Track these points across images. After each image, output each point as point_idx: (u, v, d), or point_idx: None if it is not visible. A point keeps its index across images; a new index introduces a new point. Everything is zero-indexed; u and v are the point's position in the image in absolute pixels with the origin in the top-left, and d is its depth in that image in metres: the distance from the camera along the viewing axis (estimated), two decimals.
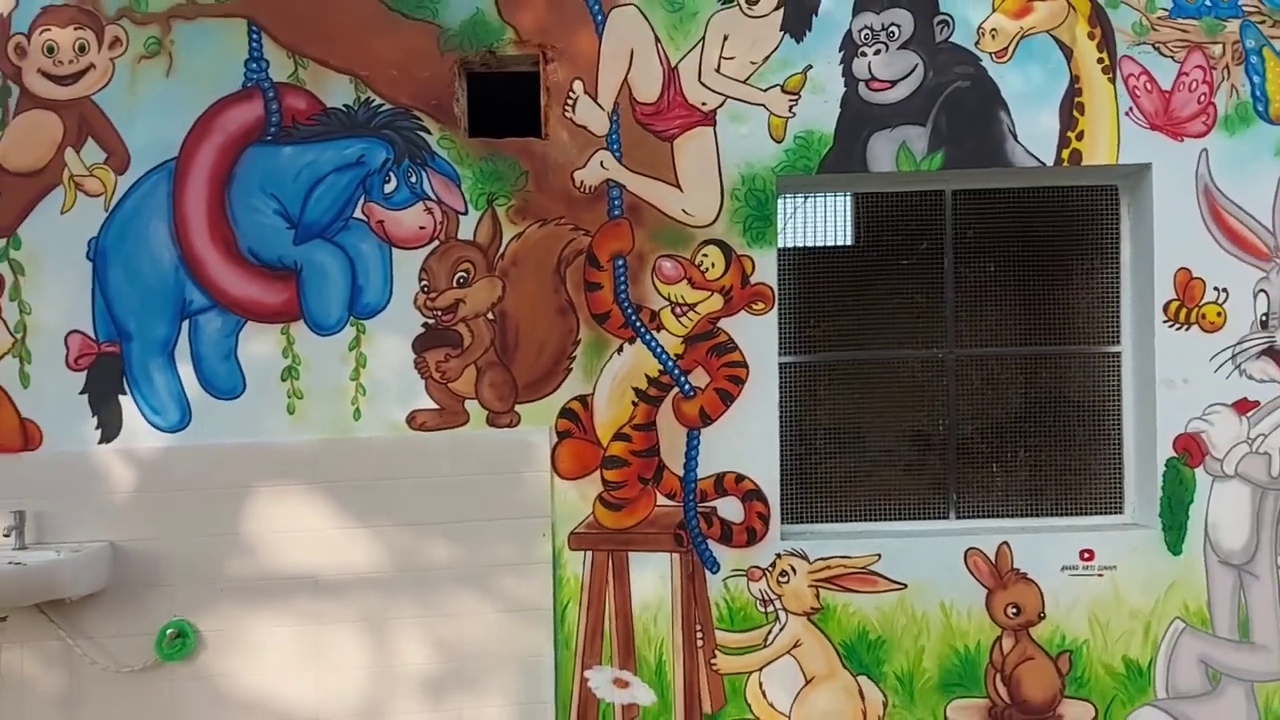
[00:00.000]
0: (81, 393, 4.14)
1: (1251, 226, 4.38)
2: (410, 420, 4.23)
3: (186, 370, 4.16)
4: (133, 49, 4.18)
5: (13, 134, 4.12)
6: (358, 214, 4.22)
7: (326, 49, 4.21)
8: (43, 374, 4.12)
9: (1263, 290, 4.39)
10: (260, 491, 4.15)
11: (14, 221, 4.11)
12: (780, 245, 4.40)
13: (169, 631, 4.10)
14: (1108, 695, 4.39)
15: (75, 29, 4.15)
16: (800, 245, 5.11)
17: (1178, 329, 4.39)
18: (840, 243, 5.43)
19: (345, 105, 4.22)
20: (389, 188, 4.22)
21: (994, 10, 4.31)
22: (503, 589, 4.22)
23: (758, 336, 4.33)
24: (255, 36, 4.22)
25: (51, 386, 4.13)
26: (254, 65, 4.20)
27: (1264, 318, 4.40)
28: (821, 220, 5.42)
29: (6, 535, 3.96)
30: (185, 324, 4.16)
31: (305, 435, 4.19)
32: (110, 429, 4.15)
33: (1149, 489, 4.46)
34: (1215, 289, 4.38)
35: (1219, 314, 4.38)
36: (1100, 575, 4.38)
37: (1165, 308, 4.38)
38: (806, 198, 5.11)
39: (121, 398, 4.15)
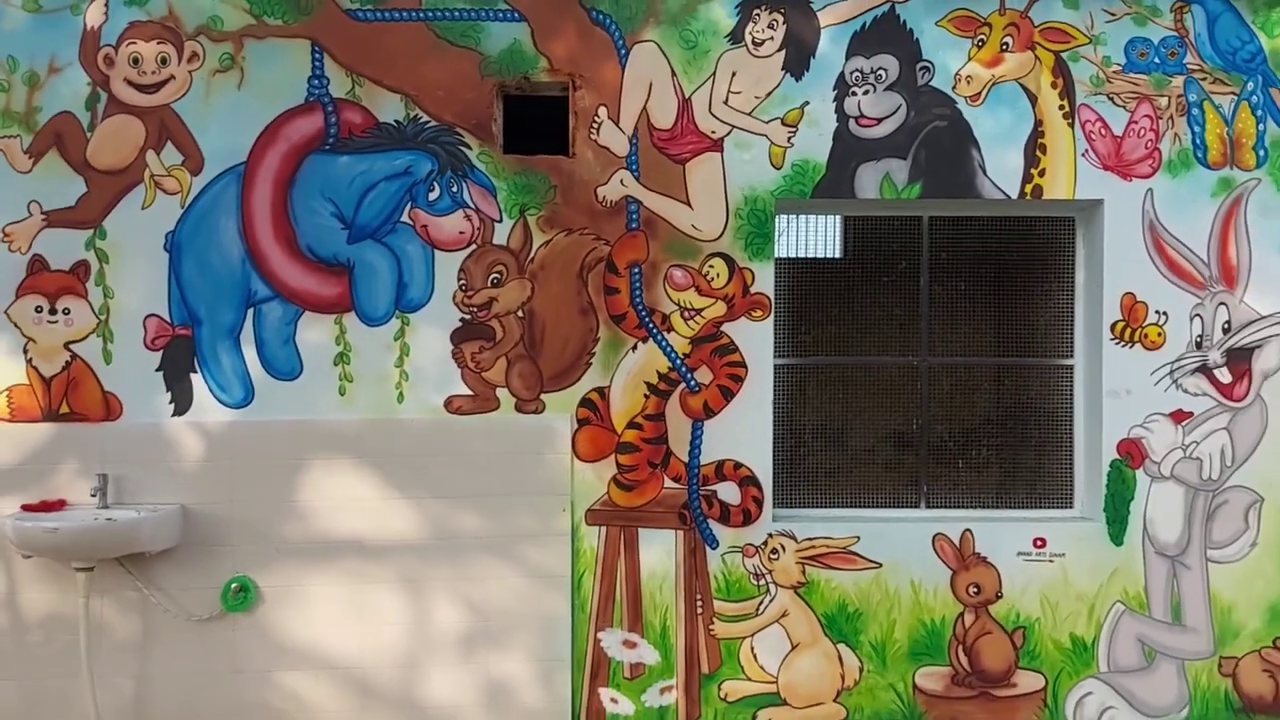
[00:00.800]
0: (157, 370, 4.59)
1: (1190, 259, 4.91)
2: (447, 405, 4.69)
3: (250, 353, 4.61)
4: (209, 63, 4.62)
5: (101, 136, 4.56)
6: (405, 218, 4.67)
7: (381, 70, 4.66)
8: (123, 352, 4.56)
9: (1198, 315, 4.92)
10: (313, 464, 4.61)
11: (100, 214, 4.55)
12: (778, 256, 4.90)
13: (233, 586, 4.55)
14: (1056, 667, 4.89)
15: (158, 43, 4.60)
16: (794, 256, 5.53)
17: (1123, 346, 4.90)
18: (830, 257, 5.88)
19: (396, 121, 4.68)
20: (433, 196, 4.68)
21: (970, 59, 4.84)
22: (526, 557, 4.69)
23: (756, 340, 4.81)
24: (318, 56, 4.67)
25: (130, 363, 4.57)
26: (316, 82, 4.65)
27: (1198, 339, 4.93)
28: (814, 237, 5.90)
29: (93, 495, 4.41)
30: (250, 311, 4.61)
31: (354, 415, 4.65)
32: (182, 403, 4.60)
33: (1095, 486, 4.96)
34: (1156, 312, 4.89)
35: (1159, 334, 4.90)
36: (1051, 561, 4.89)
37: (1112, 327, 4.89)
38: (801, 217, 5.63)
39: (192, 376, 4.60)
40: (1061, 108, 4.87)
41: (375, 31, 4.68)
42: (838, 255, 5.85)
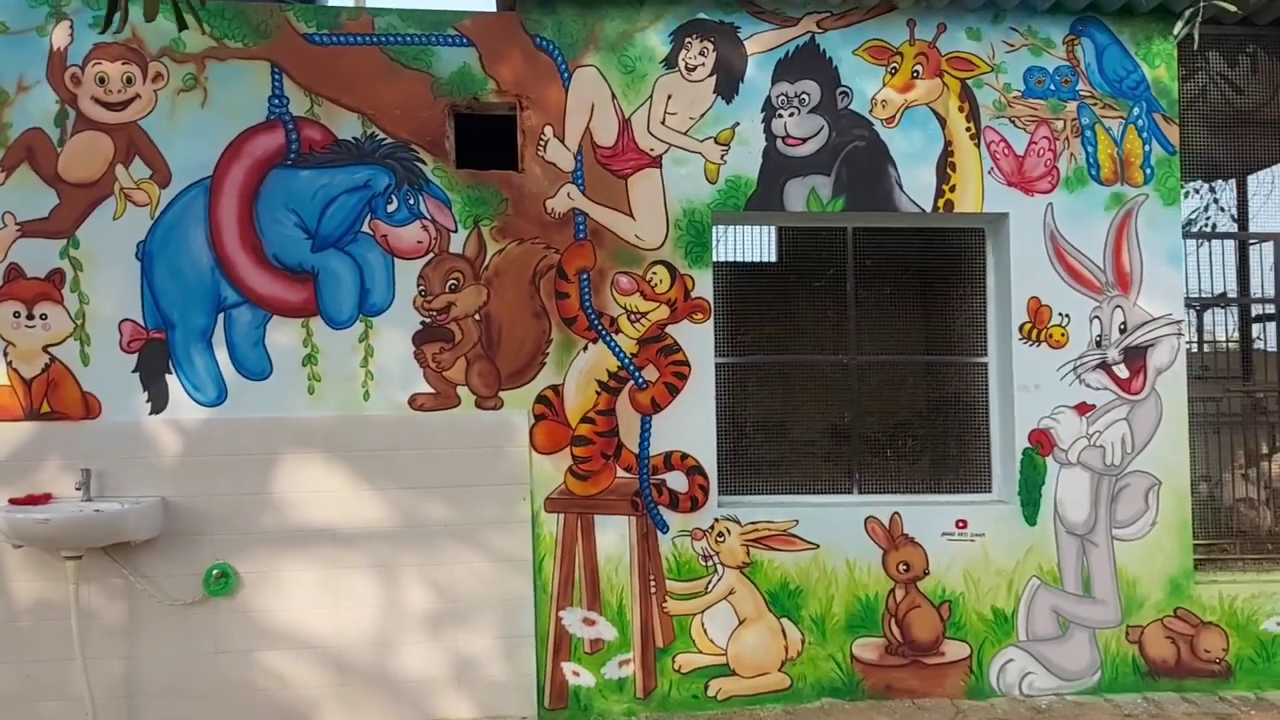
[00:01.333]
0: (134, 371, 4.84)
1: (1088, 266, 5.43)
2: (411, 402, 5.00)
3: (222, 355, 4.89)
4: (173, 82, 4.92)
5: (70, 151, 4.83)
6: (365, 229, 5.00)
7: (338, 90, 5.00)
8: (100, 354, 4.82)
9: (1096, 317, 5.43)
10: (286, 458, 4.87)
11: (73, 225, 4.82)
12: (717, 260, 5.31)
13: (214, 572, 4.79)
14: (980, 637, 5.29)
15: (123, 63, 4.90)
16: (734, 260, 5.93)
17: (1031, 345, 5.39)
18: (767, 261, 6.30)
19: (354, 137, 5.02)
20: (391, 208, 5.02)
21: (884, 85, 5.35)
22: (490, 543, 4.99)
23: (698, 341, 5.21)
24: (277, 77, 4.99)
25: (108, 365, 4.82)
26: (276, 101, 4.97)
27: (1098, 339, 5.44)
28: (751, 245, 6.34)
29: (77, 489, 4.62)
30: (221, 316, 4.90)
31: (323, 412, 4.94)
32: (158, 402, 4.85)
33: (1010, 472, 5.41)
34: (1060, 314, 5.39)
35: (1063, 334, 5.40)
36: (972, 540, 5.31)
37: (1021, 328, 5.38)
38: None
39: (168, 376, 4.86)
40: (968, 129, 5.39)
41: (332, 55, 5.03)
42: (773, 260, 6.29)
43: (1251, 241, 6.80)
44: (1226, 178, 7.61)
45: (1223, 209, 8.32)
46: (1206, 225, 8.35)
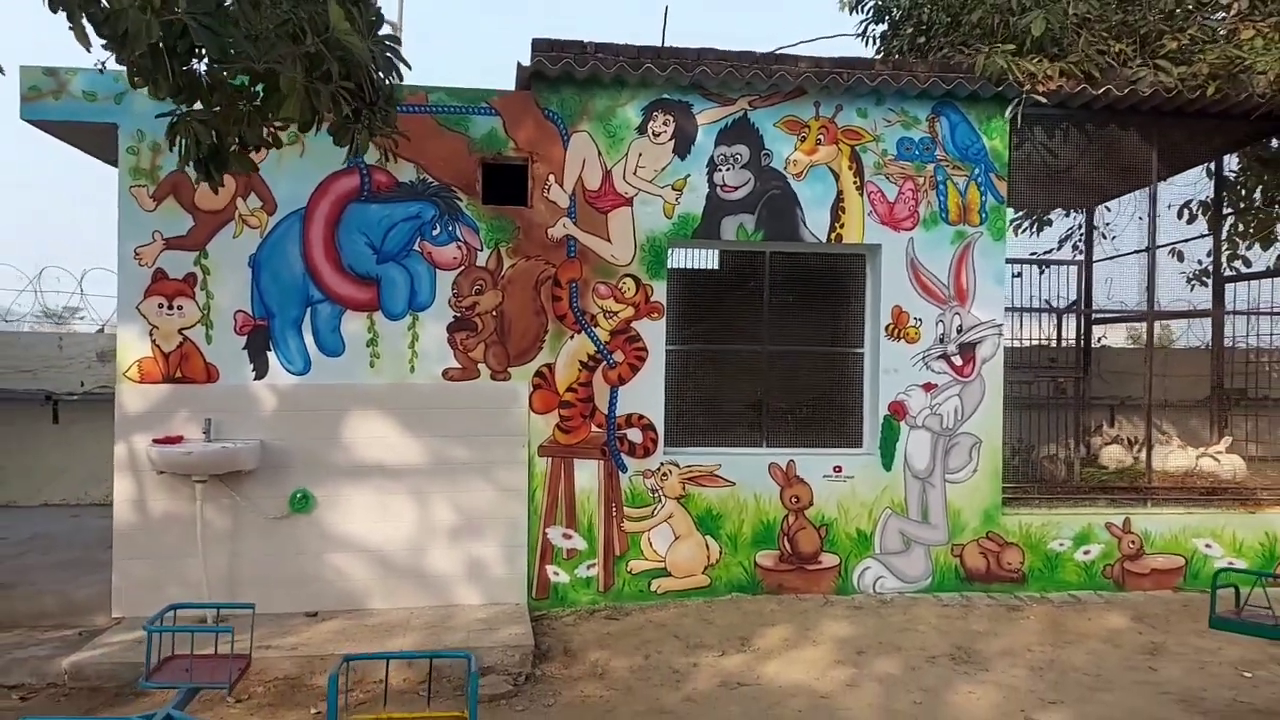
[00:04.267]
0: (243, 349, 6.58)
1: (936, 284, 7.44)
2: (444, 374, 6.82)
3: (308, 338, 6.64)
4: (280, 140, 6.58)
5: (204, 188, 6.38)
6: (415, 247, 6.76)
7: (400, 146, 6.57)
8: (219, 336, 6.55)
9: (941, 321, 7.46)
10: (351, 413, 6.69)
11: (203, 241, 6.51)
12: (672, 267, 7.21)
13: (297, 495, 6.60)
14: (847, 550, 7.36)
15: None
16: (684, 267, 7.74)
17: (893, 341, 7.40)
18: (707, 275, 8.19)
19: (410, 181, 6.75)
20: (435, 232, 6.79)
21: (796, 149, 7.25)
22: (497, 477, 6.87)
23: (654, 333, 7.09)
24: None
25: (225, 344, 6.55)
26: (343, 145, 6.63)
27: (940, 337, 7.47)
28: (700, 262, 8.20)
29: (204, 434, 6.39)
30: (308, 309, 6.63)
31: (380, 380, 6.73)
32: (261, 371, 6.61)
33: (874, 432, 7.45)
34: (915, 319, 7.40)
35: (916, 333, 7.41)
36: (845, 481, 7.36)
37: (886, 328, 7.38)
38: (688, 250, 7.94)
39: (268, 352, 6.61)
40: (855, 183, 7.33)
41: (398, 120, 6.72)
42: (713, 272, 8.20)
43: (1055, 265, 8.86)
44: (1045, 218, 9.73)
45: (1103, 234, 10.43)
46: (1069, 246, 10.52)
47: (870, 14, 10.62)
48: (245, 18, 3.22)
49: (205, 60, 3.44)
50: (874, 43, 10.65)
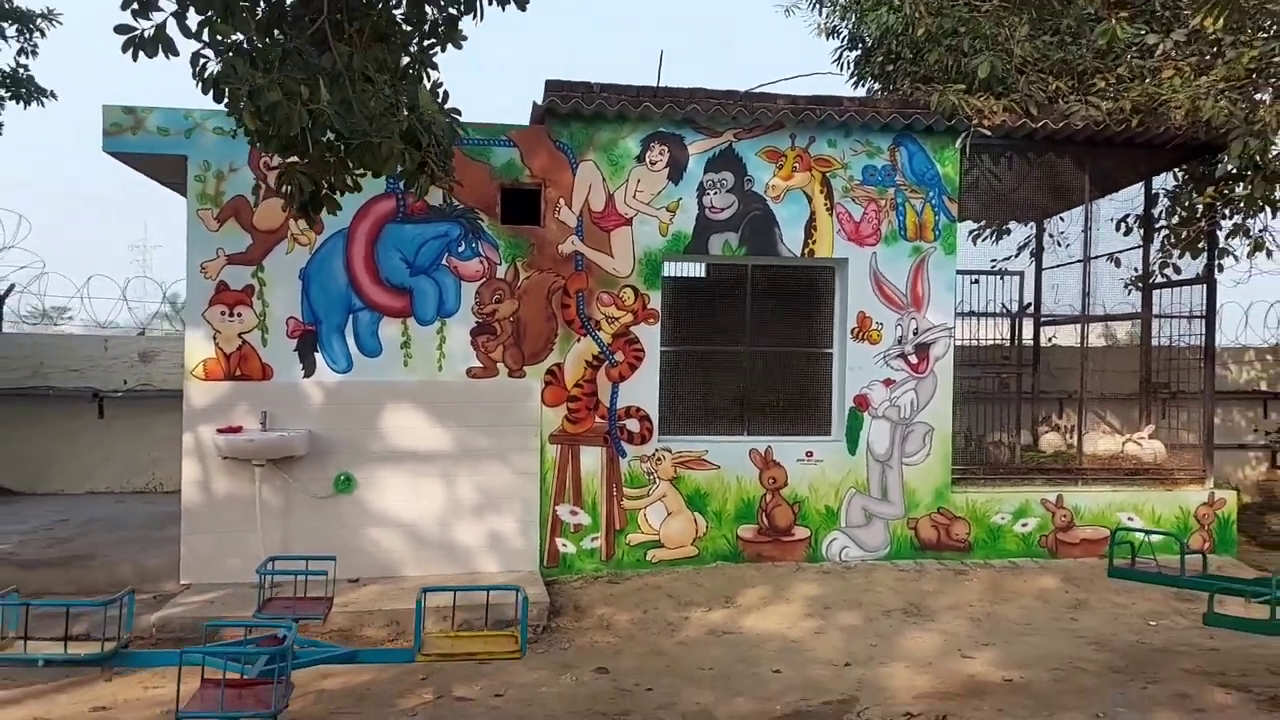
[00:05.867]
0: (294, 350, 7.56)
1: (896, 293, 8.50)
2: (468, 372, 7.83)
3: (351, 341, 7.63)
4: None
5: (262, 210, 7.45)
6: (444, 262, 7.75)
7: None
8: (274, 339, 7.52)
9: (899, 324, 8.53)
10: (388, 406, 7.68)
11: (260, 257, 7.47)
12: (666, 276, 8.23)
13: (340, 477, 7.59)
14: (817, 524, 8.41)
15: None
16: (677, 276, 8.81)
17: (859, 342, 8.46)
18: (697, 285, 9.25)
19: (440, 204, 7.69)
20: (461, 249, 7.78)
21: (774, 175, 8.29)
22: (514, 461, 7.89)
23: (650, 336, 8.12)
24: None
25: (278, 346, 7.53)
26: (390, 180, 7.43)
27: (899, 339, 8.54)
28: (691, 273, 9.26)
29: (261, 424, 7.37)
30: (350, 316, 7.62)
31: (412, 378, 7.73)
32: (309, 370, 7.59)
33: (841, 422, 8.51)
34: (877, 323, 8.46)
35: (878, 335, 8.48)
36: (815, 465, 8.42)
37: (852, 331, 8.45)
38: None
39: (315, 354, 7.59)
40: (826, 204, 8.38)
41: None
42: (700, 283, 9.26)
43: (1010, 274, 9.97)
44: (1004, 228, 10.85)
45: (1058, 242, 11.45)
46: (1026, 253, 11.54)
47: (845, 41, 11.67)
48: (361, 104, 4.20)
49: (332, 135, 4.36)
50: (849, 67, 11.70)
